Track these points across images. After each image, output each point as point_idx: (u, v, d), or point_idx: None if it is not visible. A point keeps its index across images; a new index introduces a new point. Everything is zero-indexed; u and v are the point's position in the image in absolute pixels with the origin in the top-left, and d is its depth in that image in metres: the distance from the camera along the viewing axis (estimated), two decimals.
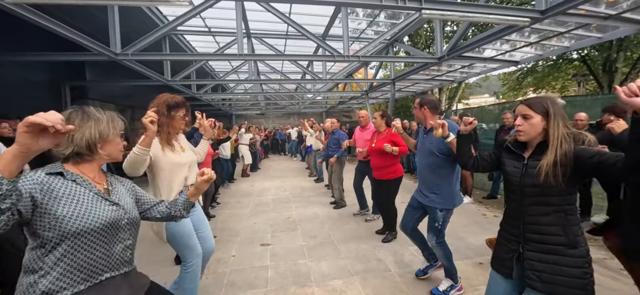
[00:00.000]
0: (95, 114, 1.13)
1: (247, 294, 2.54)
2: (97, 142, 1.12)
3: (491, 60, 6.47)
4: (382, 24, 6.77)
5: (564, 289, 1.19)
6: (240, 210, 5.20)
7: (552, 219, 1.23)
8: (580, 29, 4.69)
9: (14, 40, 4.71)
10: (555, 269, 1.21)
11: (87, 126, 1.09)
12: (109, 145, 1.17)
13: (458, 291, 2.45)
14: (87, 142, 1.09)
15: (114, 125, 1.17)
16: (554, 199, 1.23)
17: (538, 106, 1.29)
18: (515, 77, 14.39)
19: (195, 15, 4.15)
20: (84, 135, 1.09)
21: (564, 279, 1.19)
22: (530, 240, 1.28)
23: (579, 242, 1.20)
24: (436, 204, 2.33)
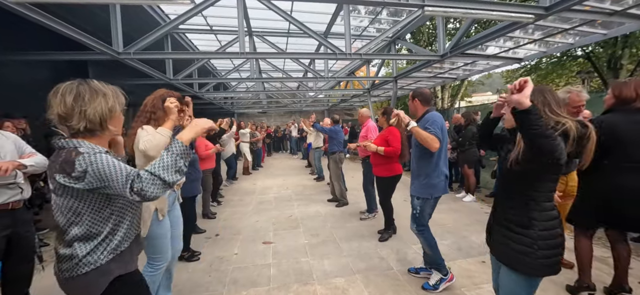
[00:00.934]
0: (102, 89, 1.14)
1: (249, 291, 2.55)
2: (108, 118, 1.14)
3: (494, 58, 6.42)
4: (384, 21, 6.74)
5: (513, 262, 1.35)
6: (243, 208, 5.21)
7: (514, 201, 1.37)
8: (585, 25, 4.63)
9: (17, 39, 4.72)
10: (509, 243, 1.37)
11: (98, 101, 1.10)
12: (115, 121, 1.19)
13: (449, 282, 2.48)
14: (100, 118, 1.11)
15: (119, 100, 1.20)
16: (518, 183, 1.34)
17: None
18: (519, 74, 14.29)
19: (197, 13, 4.15)
20: (96, 110, 1.10)
21: (513, 253, 1.34)
22: (498, 217, 1.47)
23: (534, 225, 1.29)
24: (413, 191, 2.50)
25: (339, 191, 5.17)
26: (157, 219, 1.88)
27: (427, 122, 2.33)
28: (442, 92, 14.07)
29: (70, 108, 1.07)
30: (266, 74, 10.09)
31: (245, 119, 16.72)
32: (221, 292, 2.55)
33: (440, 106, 13.71)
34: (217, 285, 2.65)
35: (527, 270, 1.30)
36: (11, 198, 1.83)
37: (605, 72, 10.12)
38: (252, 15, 5.51)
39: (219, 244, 3.59)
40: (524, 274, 1.32)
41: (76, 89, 1.08)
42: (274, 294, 2.50)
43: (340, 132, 5.33)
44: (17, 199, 1.87)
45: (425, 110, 2.48)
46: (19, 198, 1.88)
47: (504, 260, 1.39)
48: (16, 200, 1.87)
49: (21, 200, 1.92)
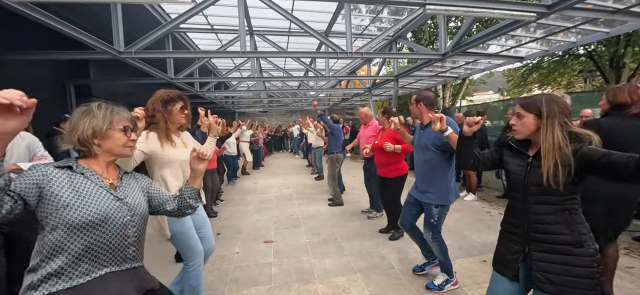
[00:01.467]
0: (93, 110, 1.13)
1: (250, 290, 2.55)
2: (89, 138, 1.11)
3: (496, 56, 6.40)
4: (385, 20, 6.72)
5: (573, 290, 1.15)
6: (244, 207, 5.22)
7: (556, 218, 1.21)
8: (587, 23, 4.61)
9: (18, 38, 4.74)
10: (564, 269, 1.18)
11: (82, 122, 1.10)
12: (107, 141, 1.14)
13: (453, 285, 2.47)
14: (78, 138, 1.10)
15: (111, 119, 1.14)
16: (558, 198, 1.20)
17: (531, 105, 1.27)
18: (520, 73, 14.23)
19: (198, 12, 4.15)
20: (78, 131, 1.10)
21: (573, 279, 1.16)
22: (536, 240, 1.25)
23: (585, 240, 1.17)
24: (431, 200, 2.35)
25: (333, 191, 5.18)
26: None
27: (452, 126, 2.14)
28: (443, 91, 14.03)
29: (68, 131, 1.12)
30: (267, 73, 10.10)
31: (245, 118, 16.75)
32: (222, 290, 2.56)
33: (441, 105, 13.68)
34: (219, 284, 2.65)
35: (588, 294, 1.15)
36: None
37: (608, 71, 10.08)
38: (253, 14, 5.50)
39: (220, 243, 3.59)
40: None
41: (72, 114, 1.13)
42: (275, 292, 2.51)
43: (340, 132, 5.33)
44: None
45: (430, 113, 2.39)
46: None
47: (564, 291, 1.17)
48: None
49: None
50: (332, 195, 5.22)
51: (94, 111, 1.12)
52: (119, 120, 1.16)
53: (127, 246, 1.14)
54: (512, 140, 1.39)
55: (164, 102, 1.90)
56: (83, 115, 1.11)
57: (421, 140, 2.42)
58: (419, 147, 2.46)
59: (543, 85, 13.92)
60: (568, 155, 1.15)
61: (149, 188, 1.33)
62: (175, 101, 1.93)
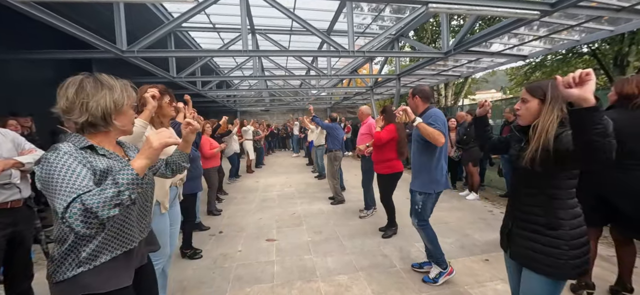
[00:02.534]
0: (109, 82, 1.07)
1: (253, 288, 2.56)
2: (112, 112, 1.06)
3: (499, 55, 6.37)
4: (387, 18, 6.70)
5: (540, 265, 1.27)
6: (246, 205, 5.23)
7: (536, 200, 1.30)
8: (591, 22, 4.58)
9: (21, 38, 4.76)
10: (534, 246, 1.29)
11: (102, 95, 1.03)
12: (122, 117, 1.10)
13: (449, 275, 2.51)
14: (102, 111, 1.03)
15: (128, 94, 1.11)
16: (539, 181, 1.28)
17: (537, 90, 1.29)
18: (523, 71, 14.14)
19: (200, 11, 4.16)
20: (99, 104, 1.02)
21: (541, 256, 1.27)
22: (518, 218, 1.38)
23: (561, 225, 1.24)
24: (415, 187, 2.52)
25: (333, 189, 5.19)
26: (158, 212, 1.87)
27: (430, 118, 2.36)
28: (445, 90, 13.98)
29: (72, 101, 1.00)
30: (269, 71, 10.10)
31: (247, 117, 16.77)
32: (225, 288, 2.57)
33: (443, 104, 13.64)
34: (222, 282, 2.66)
35: (556, 272, 1.24)
36: (9, 198, 1.80)
37: (612, 69, 10.00)
38: (255, 13, 5.50)
39: (222, 241, 3.61)
40: (553, 276, 1.25)
41: (79, 82, 1.02)
42: (277, 290, 2.52)
43: (338, 130, 5.32)
44: (15, 198, 1.84)
45: (426, 107, 2.53)
46: (18, 197, 1.85)
47: (530, 264, 1.31)
48: (15, 200, 1.84)
49: (21, 199, 1.89)
50: (333, 193, 5.23)
51: (110, 82, 1.06)
52: (132, 95, 1.15)
53: (147, 214, 1.25)
54: (515, 125, 1.46)
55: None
56: (98, 87, 1.03)
57: (414, 132, 2.53)
58: (413, 139, 2.59)
59: None
60: (550, 139, 1.19)
61: None
62: (163, 94, 1.95)
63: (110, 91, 1.05)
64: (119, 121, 1.09)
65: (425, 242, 2.59)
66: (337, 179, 5.23)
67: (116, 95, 1.06)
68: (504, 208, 4.59)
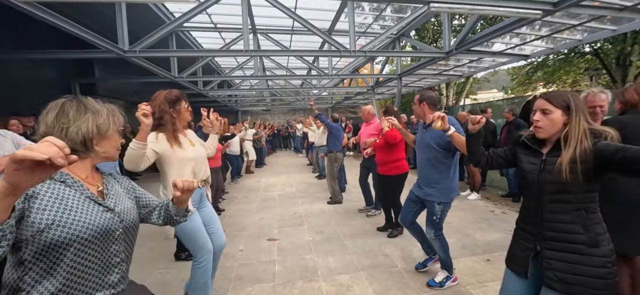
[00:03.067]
0: (94, 106, 1.00)
1: (255, 288, 2.56)
2: (94, 137, 0.99)
3: (500, 54, 6.35)
4: (389, 18, 6.70)
5: (584, 288, 1.13)
6: (248, 205, 5.24)
7: (571, 217, 1.18)
8: (594, 21, 4.57)
9: (24, 38, 4.79)
10: (575, 268, 1.15)
11: (84, 119, 0.96)
12: (106, 142, 1.03)
13: (453, 282, 2.49)
14: (83, 137, 0.96)
15: (114, 119, 1.05)
16: (573, 196, 1.17)
17: (558, 100, 1.23)
18: (525, 71, 14.12)
19: (202, 11, 4.17)
20: (80, 129, 0.95)
21: (584, 278, 1.13)
22: (549, 239, 1.23)
23: (601, 241, 1.14)
24: (434, 198, 2.38)
25: (331, 189, 5.21)
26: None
27: (454, 125, 2.16)
28: (447, 90, 13.96)
29: (51, 126, 0.93)
30: (270, 71, 10.11)
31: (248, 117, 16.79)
32: (227, 288, 2.57)
33: (445, 104, 13.62)
34: (223, 281, 2.67)
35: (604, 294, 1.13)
36: None
37: (614, 69, 9.97)
38: (256, 12, 5.51)
39: None
40: None
41: (61, 106, 0.96)
42: (279, 290, 2.52)
43: (340, 131, 5.32)
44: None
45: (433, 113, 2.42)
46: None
47: (571, 289, 1.16)
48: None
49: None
50: (331, 193, 5.24)
51: (95, 106, 1.00)
52: (118, 120, 1.08)
53: (120, 264, 1.02)
54: (527, 137, 1.36)
55: (172, 102, 1.93)
56: (81, 111, 0.97)
57: (424, 139, 2.43)
58: (421, 146, 2.48)
59: (548, 84, 13.80)
60: (587, 150, 1.13)
61: (134, 190, 1.20)
62: (181, 100, 1.98)
63: (94, 116, 0.99)
64: (100, 147, 1.01)
65: (439, 252, 2.50)
66: (336, 180, 5.23)
67: (101, 120, 1.00)
68: (505, 208, 4.62)
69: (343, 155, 5.31)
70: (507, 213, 4.38)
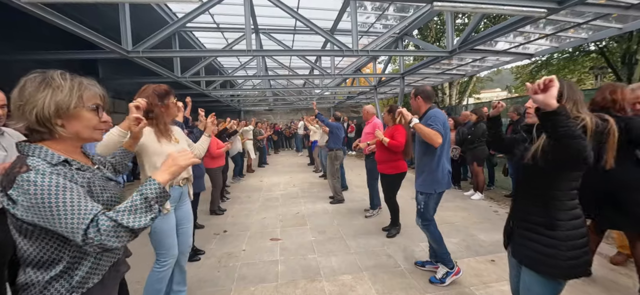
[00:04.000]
0: (56, 80, 0.88)
1: (257, 287, 2.57)
2: (52, 117, 0.87)
3: (504, 53, 6.31)
4: (391, 17, 6.67)
5: (540, 265, 1.29)
6: (250, 205, 5.25)
7: (535, 201, 1.33)
8: (599, 19, 4.52)
9: (30, 39, 4.83)
10: (533, 246, 1.31)
11: (41, 96, 0.85)
12: (74, 122, 0.92)
13: (455, 275, 2.50)
14: (36, 117, 0.85)
15: (80, 94, 0.91)
16: (541, 181, 1.29)
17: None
18: (529, 70, 14.02)
19: (204, 11, 4.18)
20: (36, 107, 0.84)
21: (540, 256, 1.29)
22: (519, 218, 1.42)
23: (559, 225, 1.26)
24: (417, 187, 2.56)
25: (333, 188, 5.22)
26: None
27: (430, 119, 2.41)
28: (450, 89, 13.89)
29: (14, 104, 0.87)
30: (272, 71, 10.12)
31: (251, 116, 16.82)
32: (230, 287, 2.58)
33: (448, 103, 13.56)
34: (226, 281, 2.68)
35: (555, 272, 1.26)
36: None
37: (620, 67, 9.85)
38: (259, 12, 5.52)
39: (227, 240, 3.63)
40: (552, 276, 1.27)
41: (23, 83, 0.87)
42: (282, 290, 2.52)
43: (340, 130, 5.32)
44: None
45: (428, 107, 2.55)
46: None
47: (528, 262, 1.33)
48: None
49: None
50: (333, 192, 5.24)
51: (57, 81, 0.88)
52: (90, 96, 0.95)
53: None
54: (522, 125, 1.50)
55: (161, 96, 1.88)
56: (41, 86, 0.86)
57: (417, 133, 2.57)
58: (416, 140, 2.64)
59: None
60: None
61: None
62: (170, 94, 1.94)
63: (53, 91, 0.87)
64: (69, 127, 0.91)
65: (430, 242, 2.61)
66: (337, 178, 5.23)
67: (61, 96, 0.87)
68: (509, 208, 4.55)
69: (344, 153, 5.30)
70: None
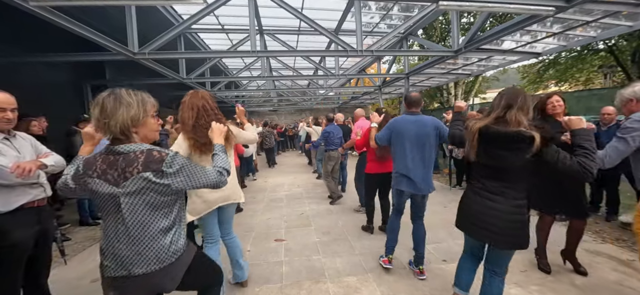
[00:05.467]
0: (126, 99, 1.15)
1: (262, 288, 2.57)
2: (130, 127, 1.16)
3: (511, 53, 6.23)
4: (396, 17, 6.64)
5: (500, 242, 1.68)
6: (255, 205, 5.26)
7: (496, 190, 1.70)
8: (608, 17, 4.43)
9: (39, 42, 4.90)
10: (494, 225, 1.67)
11: (120, 113, 1.13)
12: (142, 128, 1.21)
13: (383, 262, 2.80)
14: (122, 128, 1.14)
15: (144, 107, 1.20)
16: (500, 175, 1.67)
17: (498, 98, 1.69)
18: (536, 69, 13.83)
19: (209, 13, 4.20)
20: (118, 122, 1.13)
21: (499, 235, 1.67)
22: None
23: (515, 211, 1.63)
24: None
25: (328, 188, 5.31)
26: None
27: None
28: (455, 89, 13.77)
29: (96, 121, 1.14)
30: (277, 72, 10.15)
31: (255, 117, 16.88)
32: (234, 288, 2.58)
33: (453, 103, 13.45)
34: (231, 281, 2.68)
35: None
36: (36, 197, 1.87)
37: (629, 66, 9.67)
38: (263, 13, 5.53)
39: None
40: None
41: (101, 102, 1.13)
42: (286, 291, 2.52)
43: (332, 134, 5.31)
44: (41, 197, 1.90)
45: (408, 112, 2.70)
46: (43, 196, 1.92)
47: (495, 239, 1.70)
48: (41, 198, 1.91)
49: (45, 198, 1.96)
50: (329, 191, 5.31)
51: (127, 99, 1.15)
52: (149, 107, 1.23)
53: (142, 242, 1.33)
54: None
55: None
56: (116, 105, 1.13)
57: None
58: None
59: (560, 82, 13.48)
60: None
61: None
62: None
63: (127, 109, 1.14)
64: (140, 132, 1.21)
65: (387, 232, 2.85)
66: (330, 178, 5.30)
67: (133, 112, 1.15)
68: None
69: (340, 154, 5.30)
70: None
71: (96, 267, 1.27)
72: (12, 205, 1.72)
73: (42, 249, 1.94)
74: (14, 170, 1.60)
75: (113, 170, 1.13)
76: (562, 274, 2.59)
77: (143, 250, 1.16)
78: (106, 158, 1.15)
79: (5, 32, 4.65)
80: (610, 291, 2.32)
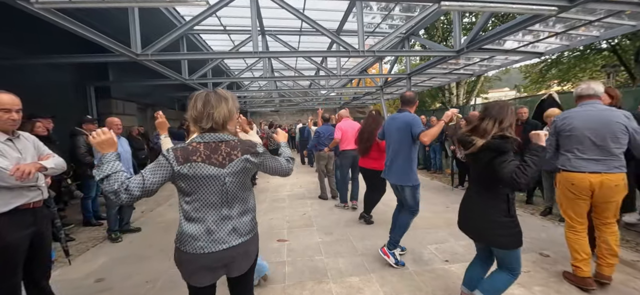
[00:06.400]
0: (225, 94, 1.36)
1: (265, 288, 2.57)
2: (227, 119, 1.34)
3: (513, 52, 6.21)
4: (397, 17, 6.64)
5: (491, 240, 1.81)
6: (258, 205, 5.19)
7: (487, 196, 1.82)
8: (612, 16, 4.40)
9: (44, 43, 4.94)
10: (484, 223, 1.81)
11: (223, 106, 1.31)
12: (231, 122, 1.40)
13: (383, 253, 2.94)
14: (223, 119, 1.32)
15: (235, 104, 1.40)
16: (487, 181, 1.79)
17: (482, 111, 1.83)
18: (539, 69, 13.77)
19: (211, 14, 4.22)
20: (221, 113, 1.31)
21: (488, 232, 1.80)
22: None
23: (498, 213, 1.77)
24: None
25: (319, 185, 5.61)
26: None
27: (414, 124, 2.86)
28: (457, 89, 13.73)
29: (200, 112, 1.29)
30: (278, 72, 10.17)
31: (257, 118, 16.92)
32: None
33: (455, 103, 13.41)
34: None
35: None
36: (32, 199, 1.86)
37: (633, 65, 9.61)
38: (265, 14, 5.55)
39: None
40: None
41: (205, 97, 1.31)
42: (289, 291, 2.52)
43: (322, 136, 5.35)
44: (37, 199, 1.90)
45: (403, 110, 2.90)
46: (39, 198, 1.91)
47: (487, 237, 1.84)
48: (37, 200, 1.90)
49: (41, 200, 1.95)
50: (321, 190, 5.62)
51: (226, 96, 1.35)
52: (236, 104, 1.42)
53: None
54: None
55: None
56: (218, 100, 1.31)
57: None
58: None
59: (563, 82, 13.42)
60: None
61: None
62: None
63: (226, 102, 1.33)
64: (229, 125, 1.39)
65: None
66: (322, 177, 5.58)
67: (230, 105, 1.34)
68: (518, 209, 4.48)
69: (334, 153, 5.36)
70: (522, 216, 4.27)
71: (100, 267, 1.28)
72: (7, 207, 1.71)
73: (38, 250, 1.93)
74: (13, 173, 1.60)
75: (217, 154, 1.29)
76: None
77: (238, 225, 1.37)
78: (208, 145, 1.29)
79: (9, 34, 4.69)
80: (614, 292, 2.31)
